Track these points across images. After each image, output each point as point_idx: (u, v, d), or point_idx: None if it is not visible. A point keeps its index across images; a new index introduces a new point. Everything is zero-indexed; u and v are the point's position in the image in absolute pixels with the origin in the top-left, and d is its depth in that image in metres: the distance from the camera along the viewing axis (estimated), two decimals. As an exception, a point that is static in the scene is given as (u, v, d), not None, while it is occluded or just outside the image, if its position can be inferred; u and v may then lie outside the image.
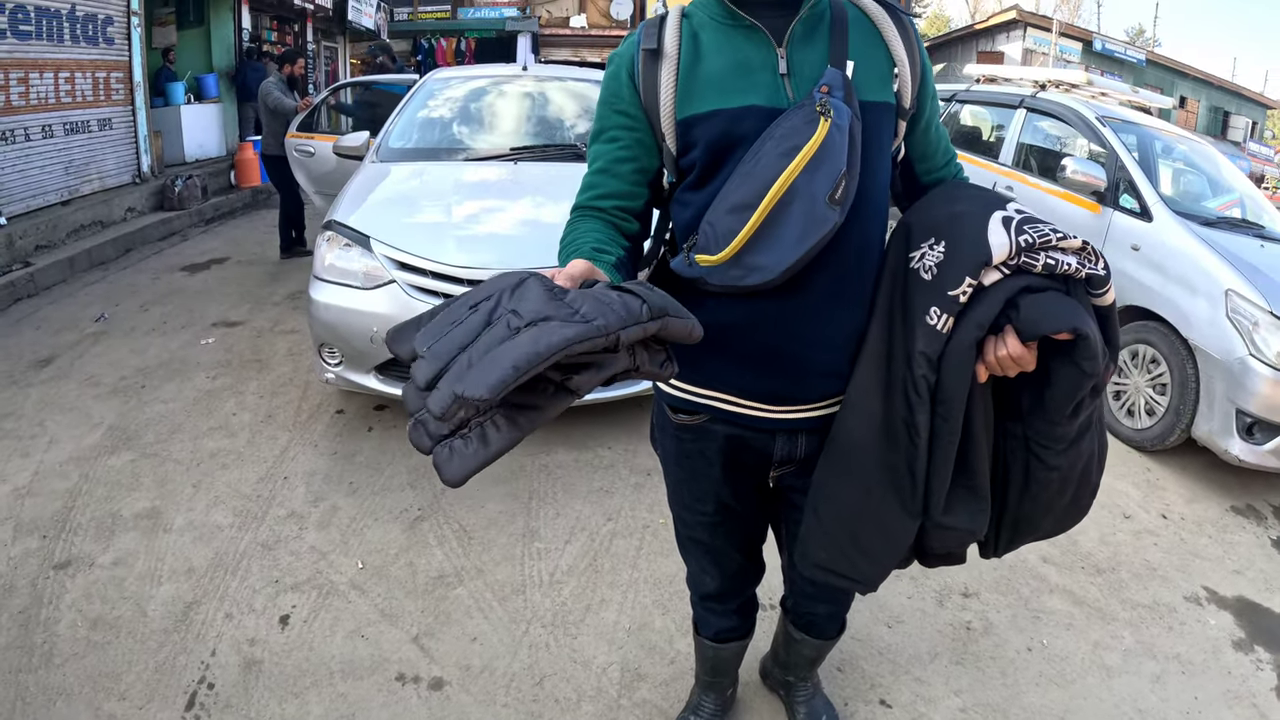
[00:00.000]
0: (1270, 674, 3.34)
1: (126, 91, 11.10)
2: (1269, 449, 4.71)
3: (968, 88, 8.69)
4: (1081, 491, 1.79)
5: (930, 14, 58.03)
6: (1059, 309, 1.49)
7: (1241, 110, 38.35)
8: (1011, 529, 1.82)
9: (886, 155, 1.68)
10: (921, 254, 1.60)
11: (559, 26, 26.46)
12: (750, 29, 1.59)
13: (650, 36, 1.63)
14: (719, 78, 1.58)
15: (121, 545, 3.54)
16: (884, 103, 1.62)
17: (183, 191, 10.98)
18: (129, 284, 7.75)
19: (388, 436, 4.56)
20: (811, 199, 1.45)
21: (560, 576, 3.42)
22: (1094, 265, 1.54)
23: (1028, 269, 1.51)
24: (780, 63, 1.58)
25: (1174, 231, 5.44)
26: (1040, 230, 1.50)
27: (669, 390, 1.85)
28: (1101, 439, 1.78)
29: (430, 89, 6.39)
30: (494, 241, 4.36)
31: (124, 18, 10.90)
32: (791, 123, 1.50)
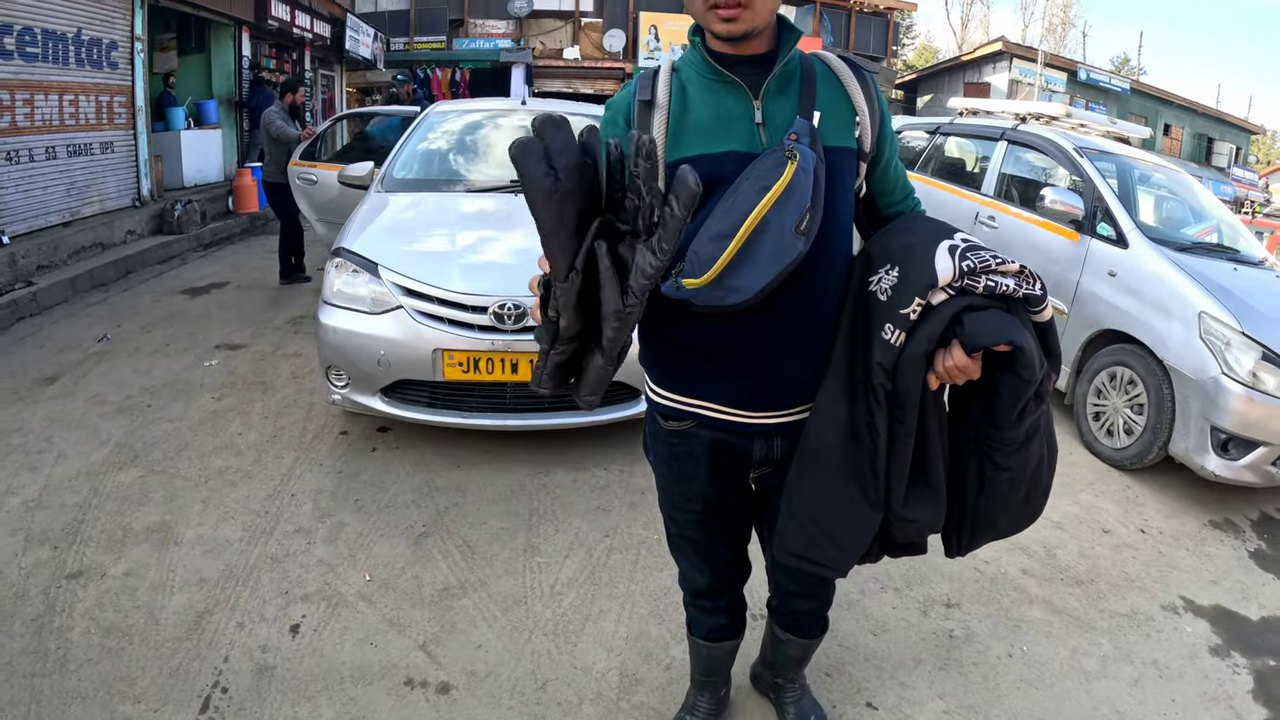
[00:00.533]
0: (1247, 677, 3.48)
1: (129, 115, 11.21)
2: (1244, 464, 4.87)
3: (951, 120, 8.88)
4: (1033, 492, 1.99)
5: (918, 45, 58.62)
6: (998, 324, 1.70)
7: (1225, 136, 38.99)
8: (972, 527, 2.04)
9: (849, 193, 1.92)
10: (879, 278, 1.83)
11: (553, 58, 26.68)
12: (731, 84, 1.84)
13: (645, 89, 1.88)
14: (703, 126, 1.84)
15: (133, 557, 3.62)
16: (846, 148, 1.88)
17: (182, 216, 11.08)
18: (130, 306, 7.85)
19: (391, 457, 4.66)
20: (781, 229, 1.67)
21: (560, 588, 3.53)
22: (1031, 286, 1.74)
23: (970, 290, 1.73)
24: (756, 113, 1.83)
25: (1149, 257, 5.62)
26: (981, 256, 1.72)
27: (659, 400, 2.07)
28: (1050, 445, 1.98)
29: (432, 121, 6.53)
30: (495, 270, 4.50)
31: (128, 42, 11.05)
32: (764, 166, 1.73)
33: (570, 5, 27.12)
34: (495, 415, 4.43)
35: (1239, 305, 5.10)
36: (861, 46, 30.58)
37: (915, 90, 35.40)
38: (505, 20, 26.69)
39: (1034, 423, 1.88)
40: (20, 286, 7.64)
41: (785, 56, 1.85)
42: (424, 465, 4.56)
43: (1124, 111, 34.28)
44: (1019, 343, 1.68)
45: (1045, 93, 31.02)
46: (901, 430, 1.82)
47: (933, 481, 1.91)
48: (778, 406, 1.98)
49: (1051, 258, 6.35)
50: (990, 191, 7.44)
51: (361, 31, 20.91)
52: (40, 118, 9.36)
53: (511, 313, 4.19)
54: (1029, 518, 2.06)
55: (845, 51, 2.08)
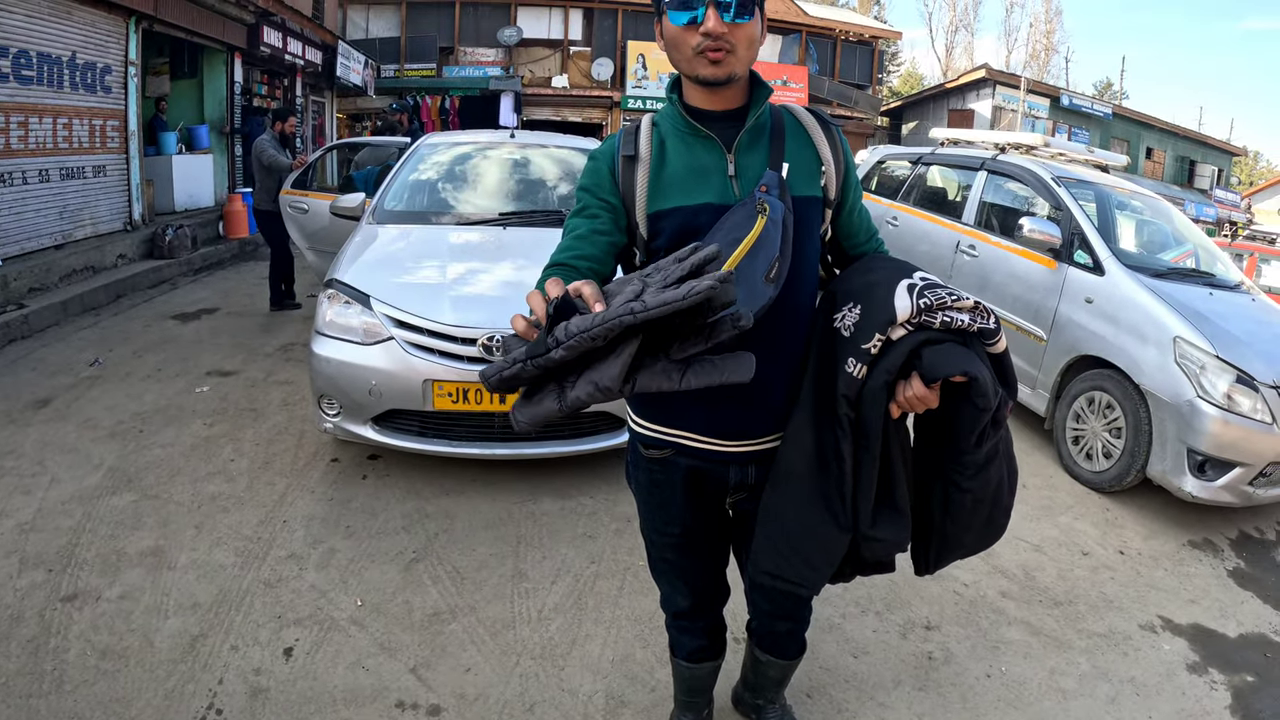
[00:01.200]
0: (1224, 694, 3.58)
1: (121, 140, 11.31)
2: (1221, 485, 4.99)
3: (933, 150, 9.02)
4: (995, 511, 2.10)
5: (904, 72, 59.04)
6: (954, 357, 1.81)
7: (1207, 159, 39.45)
8: (939, 546, 2.15)
9: (815, 238, 2.05)
10: (843, 315, 1.94)
11: (541, 86, 26.84)
12: (706, 138, 1.96)
13: (629, 144, 1.99)
14: (680, 179, 1.95)
15: (127, 580, 3.68)
16: (813, 197, 2.01)
17: (173, 240, 11.15)
18: (121, 330, 7.91)
19: (382, 484, 4.73)
20: (752, 278, 1.76)
21: (548, 613, 3.61)
22: (985, 321, 1.86)
23: (928, 326, 1.84)
24: (730, 166, 1.95)
25: (1125, 284, 5.76)
26: (938, 294, 1.83)
27: (641, 430, 2.18)
28: (1010, 467, 2.09)
29: (423, 153, 6.62)
30: (485, 302, 4.58)
31: (122, 67, 11.16)
32: (736, 217, 1.86)
33: (559, 34, 27.34)
34: (484, 445, 4.51)
35: (1213, 329, 5.23)
36: (847, 74, 30.86)
37: (901, 117, 35.65)
38: (495, 48, 26.85)
39: (993, 447, 1.98)
40: (12, 309, 7.70)
41: (757, 111, 1.97)
42: (414, 493, 4.62)
43: (1106, 136, 34.63)
44: (974, 374, 1.79)
45: (1028, 119, 31.30)
46: (866, 456, 1.92)
47: (898, 503, 2.01)
48: (751, 435, 2.10)
49: (1030, 285, 6.48)
50: (971, 221, 7.57)
51: (353, 58, 21.04)
52: (34, 140, 9.45)
53: (500, 344, 4.27)
54: (993, 536, 2.16)
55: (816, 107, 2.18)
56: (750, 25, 1.86)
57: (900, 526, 2.02)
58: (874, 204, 9.12)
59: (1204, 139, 40.50)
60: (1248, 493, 5.07)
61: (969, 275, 7.28)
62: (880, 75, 36.07)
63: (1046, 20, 57.23)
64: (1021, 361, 6.43)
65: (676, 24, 1.87)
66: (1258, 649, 4.02)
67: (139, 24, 11.39)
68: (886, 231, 8.63)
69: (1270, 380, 5.03)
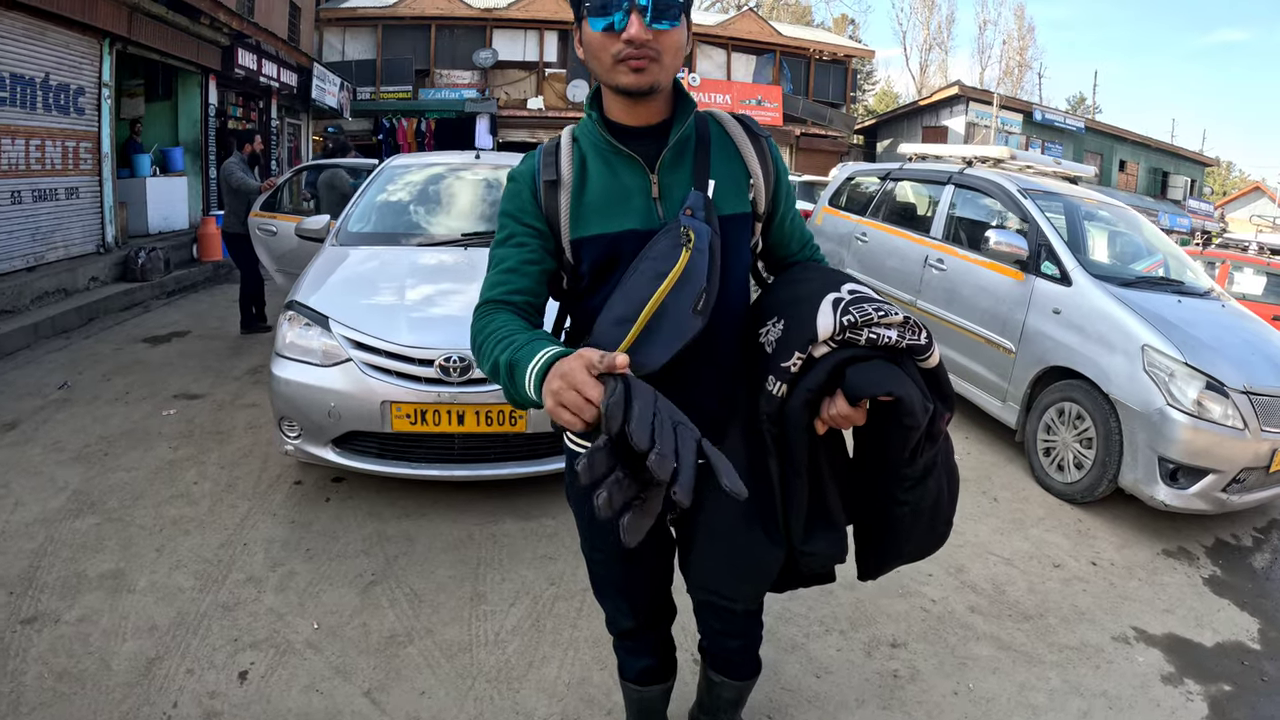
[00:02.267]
0: (1201, 704, 3.59)
1: (95, 161, 11.32)
2: (1193, 492, 5.02)
3: (901, 166, 9.06)
4: (935, 522, 2.08)
5: (879, 90, 59.48)
6: (879, 375, 1.76)
7: (1180, 170, 40.06)
8: (878, 555, 2.14)
9: (744, 255, 2.02)
10: (767, 330, 1.91)
11: (517, 108, 27.12)
12: (628, 158, 1.89)
13: (549, 168, 1.92)
14: (602, 204, 1.89)
15: (86, 603, 3.68)
16: (741, 213, 1.97)
17: (146, 263, 11.13)
18: (91, 353, 7.89)
19: (344, 507, 4.73)
20: (679, 311, 1.75)
21: (505, 636, 3.62)
22: (915, 337, 1.80)
23: (853, 343, 1.78)
24: (653, 187, 1.89)
25: (1092, 294, 5.80)
26: (864, 310, 1.77)
27: (574, 448, 2.15)
28: (950, 478, 2.07)
29: (389, 175, 6.66)
30: (442, 322, 4.60)
31: (95, 89, 11.19)
32: (661, 247, 1.81)
33: (534, 56, 27.71)
34: (444, 466, 4.52)
35: (1182, 336, 5.26)
36: (821, 93, 31.17)
37: (875, 135, 36.04)
38: (471, 71, 27.11)
39: (929, 460, 1.96)
40: (-17, 332, 7.66)
41: (681, 126, 1.90)
42: (375, 515, 4.63)
43: (1080, 149, 35.06)
44: (898, 393, 1.74)
45: (1001, 134, 31.64)
46: (791, 472, 1.90)
47: (832, 517, 2.01)
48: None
49: (998, 298, 6.52)
50: (939, 235, 7.61)
51: (328, 81, 21.15)
52: (6, 162, 9.47)
53: (457, 365, 4.30)
54: (934, 544, 2.14)
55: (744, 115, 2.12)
56: (675, 32, 1.78)
57: (834, 540, 2.02)
58: (844, 220, 9.20)
59: (1176, 150, 41.10)
60: (1222, 499, 5.10)
61: (938, 289, 7.32)
62: (854, 94, 36.33)
63: (1019, 37, 58.03)
64: (991, 374, 6.50)
65: (596, 29, 1.77)
66: (1235, 657, 4.03)
67: (113, 45, 11.43)
68: (857, 247, 8.73)
69: (1240, 385, 5.06)
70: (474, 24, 27.34)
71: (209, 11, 13.32)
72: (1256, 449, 5.06)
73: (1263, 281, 11.17)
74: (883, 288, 8.03)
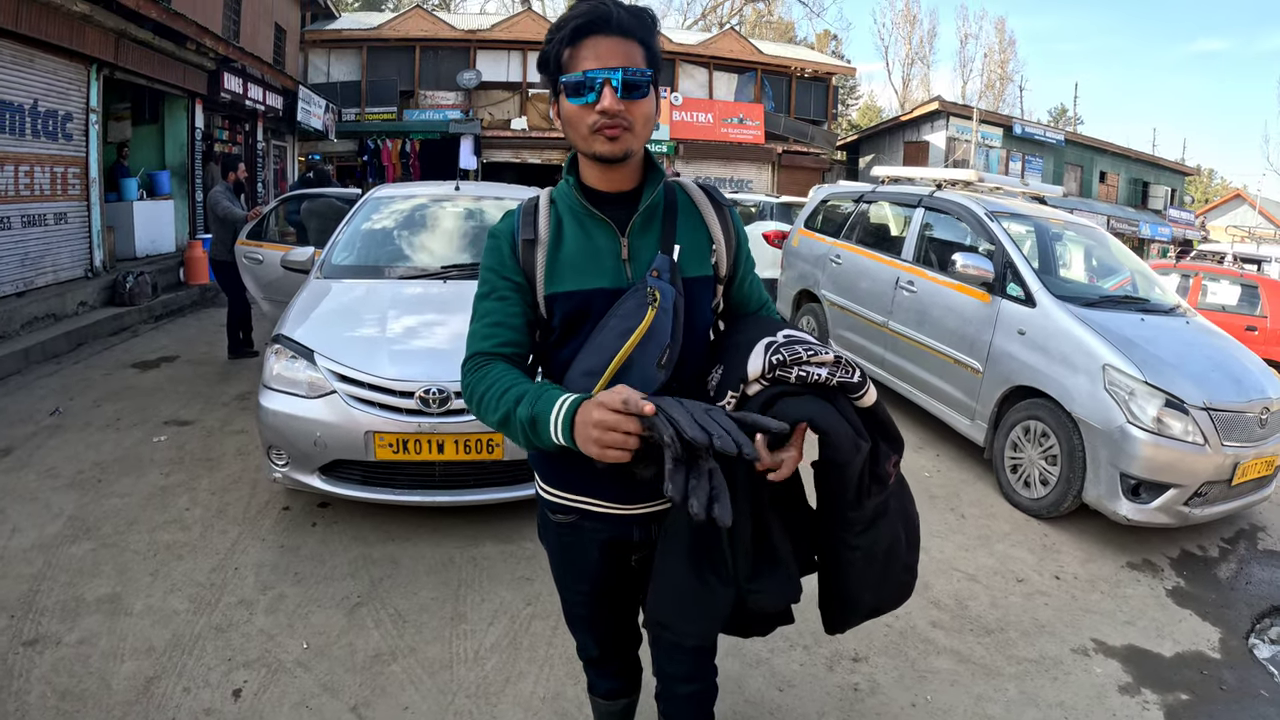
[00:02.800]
0: (1157, 713, 3.73)
1: (83, 186, 11.44)
2: (1155, 507, 5.17)
3: (874, 189, 9.22)
4: (892, 569, 2.13)
5: (862, 105, 59.82)
6: (801, 407, 1.83)
7: (1160, 179, 40.38)
8: (840, 604, 2.20)
9: (706, 313, 2.14)
10: (711, 376, 2.04)
11: (500, 129, 27.18)
12: (601, 221, 2.03)
13: (528, 227, 2.06)
14: (575, 263, 2.02)
15: (85, 626, 3.84)
16: (704, 276, 2.11)
17: (134, 288, 11.23)
18: (82, 379, 8.03)
19: (330, 531, 4.89)
20: (644, 365, 1.88)
21: (484, 653, 3.79)
22: (846, 375, 1.88)
23: (783, 380, 1.87)
24: (623, 249, 2.03)
25: (1055, 315, 5.96)
26: (793, 350, 1.86)
27: (548, 497, 2.28)
28: (908, 526, 2.15)
29: (371, 207, 6.81)
30: (422, 355, 4.80)
31: (83, 114, 11.33)
32: (629, 305, 1.94)
33: (518, 77, 27.76)
34: (425, 492, 4.69)
35: (1142, 355, 5.43)
36: (802, 111, 31.26)
37: (857, 151, 36.13)
38: (454, 92, 27.17)
39: (880, 505, 2.02)
40: (-26, 358, 7.78)
41: (650, 195, 2.03)
42: (361, 539, 4.79)
43: (1060, 162, 35.33)
44: (820, 424, 1.81)
45: (982, 148, 31.87)
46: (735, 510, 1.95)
47: (778, 556, 2.03)
48: (645, 500, 2.17)
49: (966, 319, 6.68)
50: (910, 257, 7.75)
51: (313, 103, 21.25)
52: (-3, 187, 9.56)
53: (436, 397, 4.48)
54: (897, 594, 2.19)
55: (706, 181, 2.25)
56: (645, 103, 1.92)
57: (782, 579, 2.05)
58: (818, 242, 9.34)
59: (1156, 160, 41.51)
60: (1183, 513, 5.24)
61: (909, 311, 7.48)
62: (835, 110, 36.52)
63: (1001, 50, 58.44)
64: (960, 393, 6.66)
65: (573, 104, 1.91)
66: (1194, 667, 4.14)
67: (100, 71, 11.58)
68: (831, 269, 8.87)
69: (1201, 402, 5.21)
70: (457, 45, 27.46)
71: (195, 37, 13.48)
72: (1218, 463, 5.22)
73: (1236, 292, 11.38)
74: (856, 309, 8.25)
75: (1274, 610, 4.92)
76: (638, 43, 1.91)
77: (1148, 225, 37.53)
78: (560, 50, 1.92)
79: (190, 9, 14.54)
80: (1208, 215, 45.10)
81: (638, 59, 1.90)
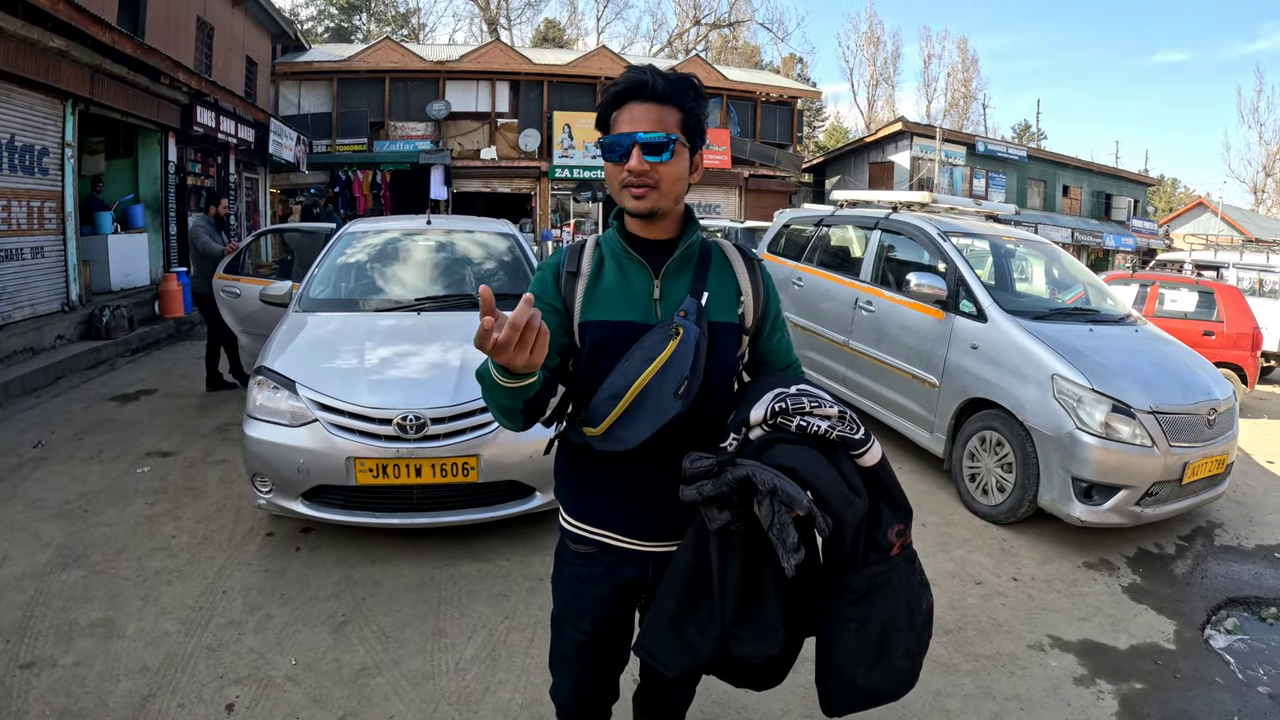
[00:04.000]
0: (1112, 701, 3.90)
1: (59, 221, 11.52)
2: (1108, 508, 5.39)
3: (833, 212, 9.46)
4: (888, 651, 2.09)
5: (829, 127, 60.26)
6: (792, 455, 1.92)
7: (1123, 191, 41.20)
8: (833, 681, 2.18)
9: (730, 361, 2.24)
10: (731, 418, 2.12)
11: (470, 159, 27.37)
12: (638, 263, 2.18)
13: (573, 261, 2.23)
14: (610, 296, 2.17)
15: (80, 648, 3.98)
16: (729, 323, 2.22)
17: (110, 321, 11.30)
18: (62, 412, 8.14)
19: (314, 554, 5.04)
20: (661, 393, 1.99)
21: (464, 665, 3.96)
22: (848, 431, 1.97)
23: (784, 429, 1.97)
24: (656, 290, 2.17)
25: (1005, 329, 6.20)
26: (796, 400, 1.97)
27: (569, 528, 2.38)
28: (912, 609, 2.13)
29: (346, 241, 7.00)
30: (399, 384, 5.00)
31: (59, 149, 11.43)
32: (654, 338, 2.08)
33: (487, 107, 28.01)
34: (405, 515, 4.87)
35: (1089, 364, 5.66)
36: (768, 134, 31.52)
37: (824, 173, 36.42)
38: (424, 122, 27.36)
39: (880, 577, 2.04)
40: (-45, 394, 7.85)
41: (686, 243, 2.18)
42: (343, 561, 4.94)
43: (1023, 178, 35.85)
44: (801, 473, 1.88)
45: (946, 167, 32.26)
46: (730, 552, 2.03)
47: (765, 606, 2.06)
48: (663, 537, 2.26)
49: (922, 336, 6.91)
50: (868, 278, 7.98)
51: (284, 135, 21.29)
52: (-26, 224, 9.62)
53: (413, 423, 4.69)
54: (896, 682, 2.15)
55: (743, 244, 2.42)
56: (673, 164, 2.05)
57: (764, 632, 2.06)
58: (780, 266, 9.55)
59: (1118, 173, 42.33)
60: (1136, 513, 5.45)
61: (867, 330, 7.70)
62: (801, 133, 36.80)
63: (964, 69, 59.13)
64: (919, 407, 6.89)
65: (609, 161, 2.08)
66: (1149, 658, 4.33)
67: (75, 106, 11.71)
68: (793, 291, 9.08)
69: (1147, 406, 5.44)
70: (427, 76, 27.70)
71: (168, 71, 13.58)
72: (1167, 464, 5.45)
73: (1194, 299, 11.65)
74: (818, 329, 8.47)
75: (1229, 602, 5.11)
76: (675, 108, 2.06)
77: (1112, 236, 38.11)
78: (608, 113, 2.11)
79: (163, 43, 14.73)
80: (1171, 224, 45.70)
81: (670, 124, 2.05)
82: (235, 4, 20.95)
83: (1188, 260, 15.82)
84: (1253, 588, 5.33)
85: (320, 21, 51.03)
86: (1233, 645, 4.62)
